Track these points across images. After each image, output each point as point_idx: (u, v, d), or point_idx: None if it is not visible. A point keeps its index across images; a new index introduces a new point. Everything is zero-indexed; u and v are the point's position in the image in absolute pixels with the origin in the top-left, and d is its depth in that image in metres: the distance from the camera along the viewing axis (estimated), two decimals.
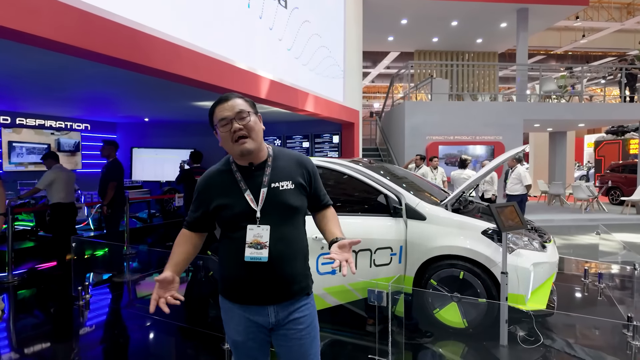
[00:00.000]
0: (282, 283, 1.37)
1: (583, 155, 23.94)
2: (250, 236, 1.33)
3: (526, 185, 6.81)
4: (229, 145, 1.36)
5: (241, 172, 1.39)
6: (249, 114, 1.36)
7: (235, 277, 1.38)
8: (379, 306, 2.47)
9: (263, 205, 1.35)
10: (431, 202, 3.41)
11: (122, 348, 3.14)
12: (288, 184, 1.39)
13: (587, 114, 10.35)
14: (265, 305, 1.37)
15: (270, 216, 1.35)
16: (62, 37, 2.68)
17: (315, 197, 1.52)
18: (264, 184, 1.37)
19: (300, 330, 1.40)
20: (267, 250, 1.32)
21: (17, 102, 6.69)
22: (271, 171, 1.39)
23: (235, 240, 1.36)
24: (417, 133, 9.64)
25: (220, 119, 1.35)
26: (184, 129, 9.78)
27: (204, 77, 4.09)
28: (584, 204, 10.53)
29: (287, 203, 1.37)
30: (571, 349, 2.90)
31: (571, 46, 17.13)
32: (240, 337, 1.40)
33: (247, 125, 1.35)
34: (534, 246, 3.17)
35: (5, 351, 3.01)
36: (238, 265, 1.35)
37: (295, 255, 1.39)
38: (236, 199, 1.36)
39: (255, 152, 1.37)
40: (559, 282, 4.69)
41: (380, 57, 17.38)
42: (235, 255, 1.35)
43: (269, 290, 1.36)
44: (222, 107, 1.36)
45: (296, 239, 1.41)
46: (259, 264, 1.32)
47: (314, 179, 1.49)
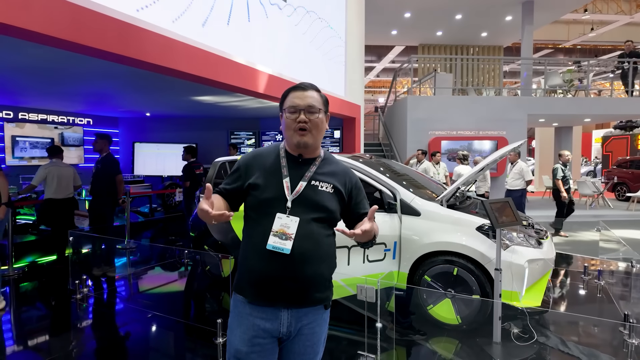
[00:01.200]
0: (300, 284, 1.29)
1: (591, 150, 23.63)
2: (278, 225, 1.28)
3: (527, 181, 6.75)
4: (289, 132, 1.35)
5: (288, 159, 1.38)
6: (320, 111, 1.35)
7: (253, 267, 1.31)
8: (369, 302, 2.45)
9: (297, 197, 1.32)
10: (428, 198, 3.38)
11: (115, 341, 3.16)
12: (328, 187, 1.36)
13: (593, 109, 10.20)
14: (279, 309, 1.30)
15: (301, 210, 1.31)
16: (53, 31, 2.67)
17: (354, 213, 1.45)
18: (304, 178, 1.35)
19: (306, 347, 1.34)
20: (291, 243, 1.26)
21: (19, 97, 6.73)
22: (316, 169, 1.38)
23: (260, 226, 1.31)
24: (420, 128, 9.56)
25: (290, 106, 1.35)
26: (185, 123, 9.79)
27: (200, 72, 4.07)
28: (588, 200, 10.41)
29: (321, 203, 1.33)
30: (565, 347, 2.87)
31: (579, 40, 16.85)
32: (244, 347, 1.30)
33: (312, 121, 1.34)
34: (529, 243, 3.13)
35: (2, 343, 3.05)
36: (258, 254, 1.30)
37: (318, 259, 1.32)
38: (273, 183, 1.33)
39: (311, 148, 1.37)
40: (559, 278, 4.64)
41: (385, 51, 17.24)
42: (257, 242, 1.30)
43: (285, 289, 1.29)
44: (296, 94, 1.36)
45: (323, 242, 1.34)
46: (280, 257, 1.27)
47: (356, 192, 1.44)
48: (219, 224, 1.35)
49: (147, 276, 5.00)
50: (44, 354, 2.89)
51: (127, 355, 2.95)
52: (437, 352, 2.85)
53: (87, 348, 3.00)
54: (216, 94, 6.34)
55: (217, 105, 7.58)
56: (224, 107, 7.74)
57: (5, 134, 7.39)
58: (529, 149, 20.76)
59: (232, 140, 10.06)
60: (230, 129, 10.01)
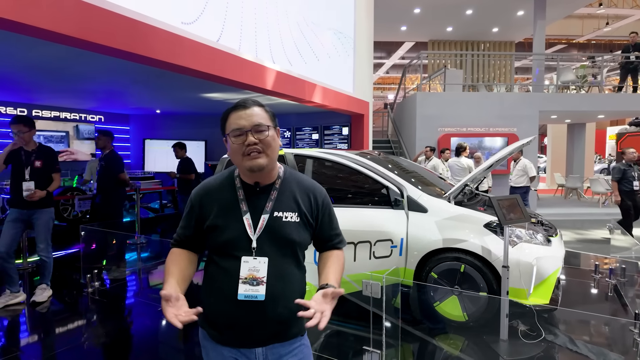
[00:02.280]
0: (276, 325, 1.20)
1: (605, 148, 23.19)
2: (245, 270, 1.16)
3: (530, 177, 6.69)
4: (238, 158, 1.20)
5: (244, 190, 1.23)
6: (268, 128, 1.20)
7: (222, 315, 1.20)
8: (374, 298, 2.45)
9: (261, 234, 1.19)
10: (436, 195, 3.36)
11: (125, 334, 3.21)
12: (293, 216, 1.23)
13: (607, 105, 10.00)
14: (254, 349, 1.21)
15: (267, 248, 1.19)
16: (60, 28, 2.70)
17: (323, 234, 1.33)
18: (266, 210, 1.21)
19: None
20: (264, 287, 1.15)
21: (33, 94, 6.85)
22: (277, 196, 1.23)
23: (224, 272, 1.19)
24: (429, 124, 9.49)
25: (235, 129, 1.19)
26: (194, 120, 9.87)
27: (207, 68, 4.10)
28: (601, 198, 10.23)
29: (288, 238, 1.21)
30: (573, 345, 2.83)
31: (594, 34, 16.52)
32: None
33: (263, 141, 1.18)
34: (538, 240, 3.09)
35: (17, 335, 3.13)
36: (226, 301, 1.17)
37: (292, 294, 1.20)
38: (233, 221, 1.19)
39: (267, 170, 1.21)
40: (569, 277, 4.59)
41: (394, 47, 17.13)
42: (223, 289, 1.18)
43: (260, 333, 1.20)
44: (238, 114, 1.20)
45: (295, 276, 1.24)
46: (253, 303, 1.16)
47: (322, 214, 1.30)
48: None
49: (157, 271, 5.07)
50: (55, 346, 2.96)
51: (136, 347, 3.00)
52: (443, 349, 2.84)
53: (97, 340, 3.05)
54: (224, 91, 6.37)
55: (225, 102, 7.62)
56: (232, 104, 7.77)
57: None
58: (540, 147, 20.46)
59: None
60: None
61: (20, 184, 3.50)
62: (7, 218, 3.57)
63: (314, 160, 3.58)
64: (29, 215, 3.58)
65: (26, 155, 3.58)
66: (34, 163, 3.57)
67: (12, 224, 3.54)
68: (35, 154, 3.61)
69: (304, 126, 9.56)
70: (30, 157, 3.58)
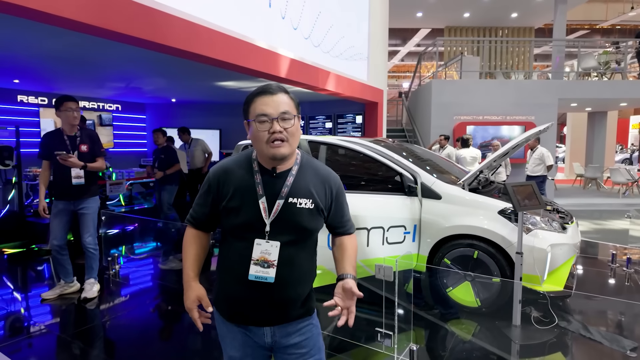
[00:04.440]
0: (284, 307, 1.24)
1: (627, 137, 22.51)
2: (257, 252, 1.19)
3: (548, 166, 6.59)
4: (261, 144, 1.19)
5: (262, 174, 1.24)
6: (294, 117, 1.21)
7: (232, 295, 1.25)
8: (387, 281, 2.49)
9: (275, 219, 1.21)
10: (450, 182, 3.36)
11: (144, 315, 3.34)
12: (307, 203, 1.23)
13: (630, 92, 9.68)
14: (262, 327, 1.26)
15: (280, 233, 1.21)
16: (82, 17, 2.77)
17: (335, 221, 1.36)
18: (281, 195, 1.21)
19: (303, 355, 1.28)
20: (274, 270, 1.19)
21: (54, 83, 7.03)
22: (293, 182, 1.24)
23: (237, 252, 1.23)
24: (445, 113, 9.38)
25: (260, 114, 1.18)
26: (209, 109, 9.96)
27: (223, 56, 4.14)
28: (622, 189, 9.99)
29: (301, 224, 1.23)
30: (587, 332, 2.83)
31: (618, 19, 15.91)
32: (237, 353, 1.28)
33: (288, 130, 1.19)
34: (553, 227, 3.07)
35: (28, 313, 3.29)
36: (237, 281, 1.23)
37: (302, 279, 1.26)
38: (248, 205, 1.21)
39: (287, 158, 1.22)
40: (585, 266, 4.54)
41: (410, 34, 16.84)
42: (235, 269, 1.23)
43: (268, 313, 1.24)
44: (265, 100, 1.19)
45: (306, 262, 1.28)
46: (262, 284, 1.20)
47: (336, 200, 1.32)
48: None
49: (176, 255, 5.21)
50: (73, 327, 3.10)
51: (155, 328, 3.12)
52: (455, 334, 2.88)
53: (117, 321, 3.18)
54: (239, 79, 6.41)
55: (240, 91, 7.67)
56: (246, 92, 7.79)
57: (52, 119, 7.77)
58: (560, 136, 19.99)
59: None
60: None
61: (67, 172, 3.28)
62: (53, 211, 3.40)
63: (327, 147, 3.60)
64: (76, 205, 3.39)
65: (70, 140, 3.36)
66: (79, 147, 3.34)
67: (60, 216, 3.38)
68: (80, 138, 3.38)
69: (317, 115, 9.56)
70: (75, 141, 3.36)
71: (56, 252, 3.45)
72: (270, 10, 5.01)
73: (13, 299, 3.64)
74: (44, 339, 2.83)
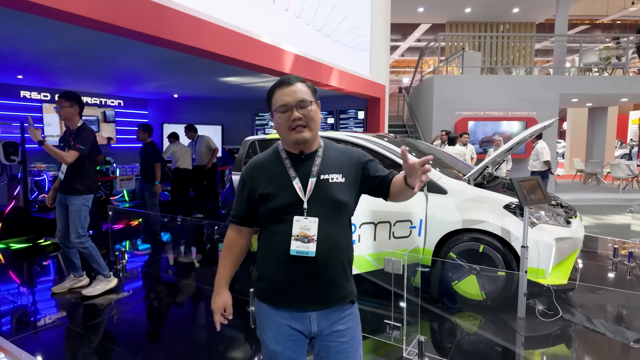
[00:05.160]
0: (326, 284, 1.28)
1: (627, 133, 22.55)
2: (297, 228, 1.25)
3: (544, 162, 6.63)
4: (285, 132, 1.30)
5: (291, 159, 1.33)
6: (311, 103, 1.30)
7: (276, 276, 1.30)
8: (395, 275, 2.53)
9: (310, 196, 1.27)
10: (454, 177, 3.40)
11: (151, 307, 3.39)
12: (338, 177, 1.31)
13: (630, 88, 9.71)
14: (307, 312, 1.29)
15: (317, 209, 1.27)
16: (90, 13, 2.79)
17: (380, 179, 1.37)
18: (313, 174, 1.29)
19: (344, 343, 1.31)
20: (314, 245, 1.24)
21: (56, 79, 7.03)
22: (321, 161, 1.32)
23: (278, 235, 1.28)
24: (446, 108, 9.40)
25: (280, 105, 1.28)
26: (211, 105, 9.97)
27: (229, 52, 4.15)
28: (622, 184, 10.05)
29: (335, 197, 1.29)
30: (590, 323, 2.88)
31: (619, 14, 15.88)
32: (279, 347, 1.30)
33: (307, 115, 1.28)
34: (557, 221, 3.12)
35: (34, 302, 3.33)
36: (280, 262, 1.28)
37: (340, 256, 1.30)
38: (283, 188, 1.29)
39: (310, 141, 1.31)
40: (587, 260, 4.59)
41: (410, 29, 16.79)
42: (277, 250, 1.28)
43: (312, 292, 1.28)
44: (283, 91, 1.29)
45: (343, 238, 1.32)
46: (304, 261, 1.25)
47: (368, 165, 1.38)
48: None
49: (182, 250, 5.26)
50: (83, 320, 3.14)
51: (163, 319, 3.17)
52: (461, 326, 2.93)
53: (126, 312, 3.23)
54: (242, 75, 6.43)
55: (242, 87, 7.68)
56: (249, 88, 7.84)
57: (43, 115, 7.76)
58: (560, 131, 20.02)
59: (257, 121, 10.19)
60: (255, 111, 10.13)
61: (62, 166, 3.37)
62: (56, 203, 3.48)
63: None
64: (65, 200, 3.40)
65: (69, 135, 3.40)
66: (70, 142, 3.37)
67: (58, 208, 3.43)
68: (73, 134, 3.39)
69: (320, 110, 9.57)
70: (70, 137, 3.41)
71: (62, 245, 3.50)
72: (274, 5, 5.02)
73: (22, 293, 3.68)
74: (54, 332, 2.87)
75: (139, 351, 2.59)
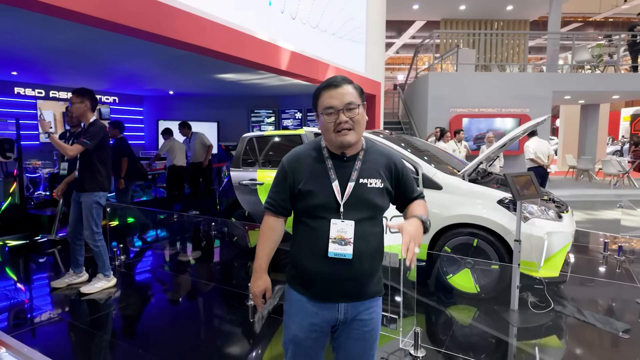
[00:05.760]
0: (359, 281, 1.34)
1: (618, 129, 22.81)
2: (334, 231, 1.29)
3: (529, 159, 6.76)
4: (329, 134, 1.31)
5: (332, 160, 1.35)
6: (358, 106, 1.30)
7: (311, 270, 1.34)
8: (392, 268, 2.59)
9: (348, 199, 1.30)
10: (449, 173, 3.46)
11: (152, 302, 3.42)
12: (377, 182, 1.34)
13: (622, 85, 9.85)
14: (337, 302, 1.34)
15: (353, 211, 1.30)
16: (88, 10, 2.80)
17: (405, 193, 1.44)
18: (352, 178, 1.32)
19: (365, 332, 1.37)
20: (351, 247, 1.28)
21: (51, 75, 6.99)
22: (362, 165, 1.34)
23: (314, 231, 1.32)
24: (441, 105, 9.47)
25: (327, 107, 1.29)
26: (207, 102, 9.96)
27: (226, 49, 4.17)
28: (613, 180, 10.20)
29: (372, 202, 1.32)
30: (581, 315, 2.97)
31: (611, 12, 16.05)
32: (302, 333, 1.36)
33: (354, 119, 1.29)
34: (549, 215, 3.19)
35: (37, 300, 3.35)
36: (316, 258, 1.32)
37: (374, 255, 1.35)
38: (323, 187, 1.31)
39: (354, 144, 1.33)
40: (578, 254, 4.69)
41: (405, 26, 16.83)
42: (314, 247, 1.32)
43: (344, 287, 1.33)
44: (331, 93, 1.29)
45: (376, 236, 1.36)
46: (340, 261, 1.29)
47: (402, 176, 1.41)
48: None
49: (182, 245, 5.29)
50: (83, 315, 3.17)
51: (162, 314, 3.20)
52: (456, 318, 3.00)
53: (125, 308, 3.26)
54: (239, 72, 6.44)
55: (238, 83, 7.69)
56: (245, 85, 7.85)
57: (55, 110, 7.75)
58: (552, 128, 20.22)
59: (253, 118, 10.20)
60: (251, 107, 10.14)
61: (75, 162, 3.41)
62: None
63: None
64: (79, 197, 3.42)
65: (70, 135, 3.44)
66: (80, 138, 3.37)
67: (72, 204, 3.48)
68: (83, 129, 3.41)
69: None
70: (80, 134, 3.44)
71: (70, 240, 3.53)
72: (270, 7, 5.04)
73: (19, 289, 3.69)
74: (53, 327, 2.90)
75: (140, 345, 2.63)
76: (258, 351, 2.57)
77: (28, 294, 3.58)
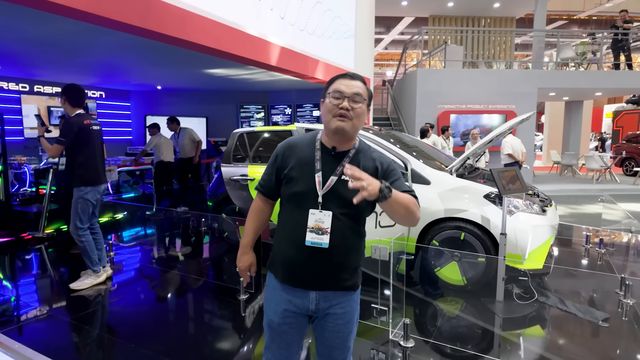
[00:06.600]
0: (332, 272, 1.37)
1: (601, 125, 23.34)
2: (312, 221, 1.33)
3: (507, 154, 6.97)
4: (329, 117, 1.35)
5: (322, 152, 1.39)
6: (364, 101, 1.36)
7: (288, 256, 1.39)
8: (382, 261, 2.64)
9: (327, 193, 1.34)
10: (437, 168, 3.52)
11: (145, 297, 3.42)
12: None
13: (605, 82, 10.09)
14: (309, 290, 1.39)
15: (331, 205, 1.34)
16: (73, 2, 2.77)
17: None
18: (335, 173, 1.35)
19: (339, 325, 1.41)
20: (328, 237, 1.32)
21: (35, 70, 6.84)
22: (349, 163, 1.36)
23: (293, 219, 1.38)
24: (429, 101, 9.57)
25: (336, 90, 1.35)
26: (195, 97, 9.87)
27: (215, 44, 4.16)
28: (595, 175, 10.46)
29: (349, 200, 1.29)
30: (563, 305, 3.07)
31: (595, 10, 16.36)
32: (277, 319, 1.42)
33: (355, 110, 1.34)
34: (534, 209, 3.28)
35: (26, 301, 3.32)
36: (293, 245, 1.37)
37: (349, 249, 1.38)
38: (306, 176, 1.36)
39: (347, 137, 1.37)
40: (561, 247, 4.83)
41: (394, 22, 16.90)
42: (291, 233, 1.38)
43: (317, 275, 1.37)
44: (344, 81, 1.36)
45: (354, 234, 1.39)
46: (318, 249, 1.33)
47: (386, 176, 1.39)
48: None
49: (172, 241, 5.27)
50: (73, 311, 3.16)
51: (153, 309, 3.21)
52: (443, 309, 3.07)
53: (116, 303, 3.25)
54: (227, 67, 6.40)
55: (227, 79, 7.64)
56: (234, 80, 7.80)
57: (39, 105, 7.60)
58: (538, 124, 20.58)
59: (242, 113, 10.15)
60: (240, 103, 10.09)
61: None
62: None
63: None
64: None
65: None
66: None
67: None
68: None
69: (305, 103, 9.60)
70: None
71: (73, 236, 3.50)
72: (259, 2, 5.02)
73: (5, 287, 3.65)
74: (44, 324, 2.88)
75: (132, 339, 2.63)
76: (249, 345, 2.60)
77: (15, 291, 3.54)
